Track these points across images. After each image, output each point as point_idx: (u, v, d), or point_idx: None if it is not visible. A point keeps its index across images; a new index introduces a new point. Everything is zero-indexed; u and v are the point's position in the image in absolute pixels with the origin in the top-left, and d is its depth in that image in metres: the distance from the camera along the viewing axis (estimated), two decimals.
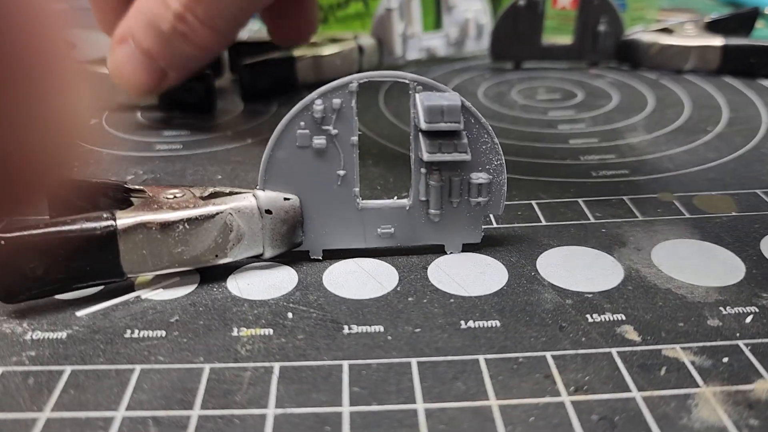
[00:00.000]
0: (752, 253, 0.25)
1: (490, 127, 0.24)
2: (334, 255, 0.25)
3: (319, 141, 0.24)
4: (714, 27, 0.45)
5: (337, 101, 0.23)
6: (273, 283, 0.24)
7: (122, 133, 0.37)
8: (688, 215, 0.28)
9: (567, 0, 0.47)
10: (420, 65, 0.46)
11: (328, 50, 0.41)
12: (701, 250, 0.26)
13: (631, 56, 0.44)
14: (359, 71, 0.40)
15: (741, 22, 0.46)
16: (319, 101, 0.23)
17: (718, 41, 0.42)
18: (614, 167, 0.32)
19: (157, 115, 0.39)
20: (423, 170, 0.24)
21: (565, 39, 0.45)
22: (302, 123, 0.23)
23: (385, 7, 0.43)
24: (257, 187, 0.24)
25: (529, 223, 0.28)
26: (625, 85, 0.43)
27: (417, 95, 0.24)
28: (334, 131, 0.24)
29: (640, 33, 0.44)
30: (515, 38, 0.44)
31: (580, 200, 0.29)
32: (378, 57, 0.44)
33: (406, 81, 0.24)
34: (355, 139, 0.24)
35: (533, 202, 0.29)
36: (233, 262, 0.24)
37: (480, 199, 0.25)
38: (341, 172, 0.24)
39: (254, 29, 0.57)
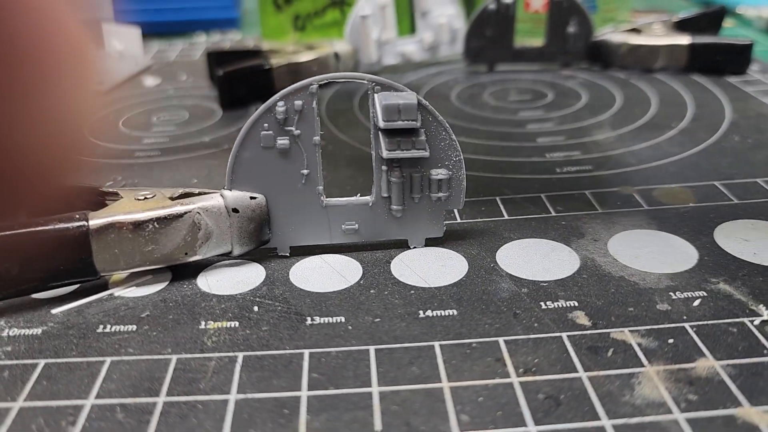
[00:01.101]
0: (706, 242, 0.26)
1: (447, 125, 0.25)
2: (301, 251, 0.26)
3: (282, 141, 0.25)
4: (683, 26, 0.46)
5: (298, 103, 0.24)
6: (241, 279, 0.25)
7: (103, 141, 0.38)
8: (647, 207, 0.29)
9: (539, 3, 0.48)
10: (396, 70, 0.47)
11: (304, 57, 0.43)
12: (657, 239, 0.27)
13: (602, 57, 0.45)
14: None
15: (710, 21, 0.47)
16: (281, 103, 0.24)
17: (685, 40, 0.43)
18: (578, 163, 0.33)
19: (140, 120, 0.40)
20: (384, 167, 0.25)
21: (538, 41, 0.46)
22: (266, 124, 0.24)
23: (360, 14, 0.44)
24: (225, 187, 0.25)
25: (492, 217, 0.29)
26: (595, 84, 0.44)
27: (375, 95, 0.25)
28: (297, 132, 0.25)
29: (610, 34, 0.45)
30: (488, 42, 0.45)
31: (542, 195, 0.30)
32: (354, 63, 0.45)
33: (365, 82, 0.25)
34: (317, 138, 0.25)
35: (497, 198, 0.30)
36: (203, 260, 0.25)
37: (440, 194, 0.26)
38: (305, 171, 0.25)
39: (235, 39, 0.58)
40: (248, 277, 0.25)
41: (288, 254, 0.26)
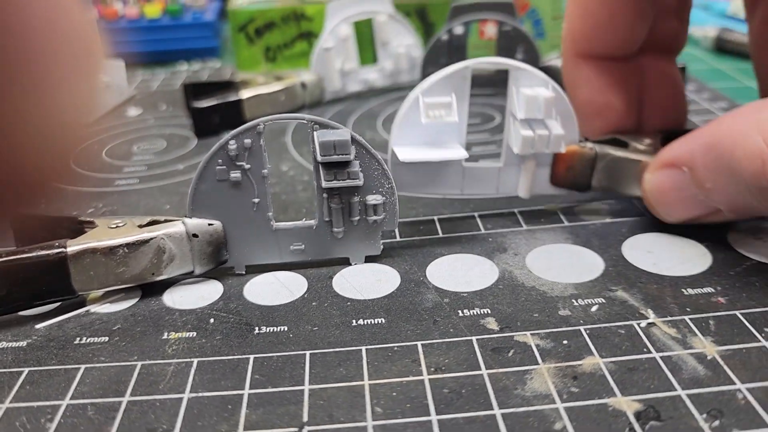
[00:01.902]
0: (613, 254, 0.30)
1: (379, 156, 0.29)
2: (255, 269, 0.30)
3: (234, 175, 0.28)
4: None
5: (248, 141, 0.28)
6: (201, 295, 0.29)
7: (86, 170, 0.42)
8: (567, 223, 0.33)
9: (493, 31, 0.52)
10: (359, 97, 0.51)
11: (273, 87, 0.46)
12: (570, 252, 0.30)
13: None
14: (302, 105, 0.45)
15: None
16: (232, 142, 0.28)
17: None
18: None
19: (122, 150, 0.44)
20: (325, 195, 0.29)
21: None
22: (220, 160, 0.28)
23: (323, 47, 0.47)
24: (186, 215, 0.29)
25: (428, 235, 0.32)
26: None
27: (314, 133, 0.28)
28: (247, 166, 0.28)
29: (555, 59, 0.48)
30: (443, 69, 0.49)
31: (476, 214, 0.34)
32: (320, 91, 0.49)
33: (305, 121, 0.28)
34: (265, 171, 0.28)
35: (435, 218, 0.34)
36: (168, 279, 0.29)
37: (375, 217, 0.29)
38: (256, 200, 0.29)
39: (215, 67, 0.62)
40: (208, 293, 0.29)
41: (244, 272, 0.30)
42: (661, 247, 0.30)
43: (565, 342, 0.25)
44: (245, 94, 0.45)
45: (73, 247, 0.27)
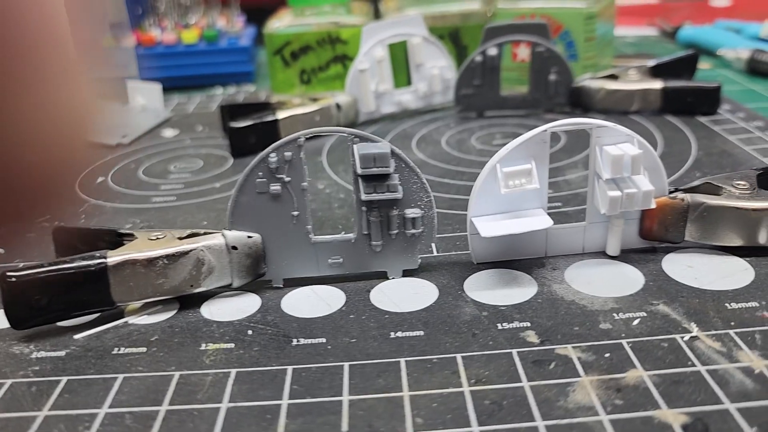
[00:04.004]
0: (653, 269, 0.30)
1: (418, 170, 0.29)
2: (293, 283, 0.30)
3: (275, 187, 0.28)
4: (658, 71, 0.49)
5: (288, 153, 0.28)
6: (239, 307, 0.29)
7: (124, 188, 0.42)
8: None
9: (525, 53, 0.52)
10: (394, 118, 0.51)
11: (308, 108, 0.47)
12: (609, 267, 0.30)
13: (582, 101, 0.48)
14: (337, 126, 0.46)
15: (684, 65, 0.51)
16: (273, 154, 0.28)
17: (658, 84, 0.47)
18: (549, 200, 0.37)
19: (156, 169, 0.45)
20: (364, 208, 0.29)
21: (524, 88, 0.50)
22: (260, 173, 0.28)
23: (358, 68, 0.48)
24: (226, 227, 0.29)
25: (465, 250, 0.32)
26: None
27: (354, 146, 0.28)
28: (287, 179, 0.28)
29: (589, 80, 0.48)
30: (476, 90, 0.49)
31: None
32: (354, 112, 0.49)
33: (345, 135, 0.28)
34: (305, 184, 0.29)
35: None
36: (207, 291, 0.29)
37: (414, 230, 0.29)
38: (295, 213, 0.29)
39: (250, 91, 0.63)
40: (246, 305, 0.29)
41: (281, 285, 0.30)
42: (702, 262, 0.30)
43: (607, 355, 0.24)
44: (281, 114, 0.46)
45: (114, 257, 0.27)
